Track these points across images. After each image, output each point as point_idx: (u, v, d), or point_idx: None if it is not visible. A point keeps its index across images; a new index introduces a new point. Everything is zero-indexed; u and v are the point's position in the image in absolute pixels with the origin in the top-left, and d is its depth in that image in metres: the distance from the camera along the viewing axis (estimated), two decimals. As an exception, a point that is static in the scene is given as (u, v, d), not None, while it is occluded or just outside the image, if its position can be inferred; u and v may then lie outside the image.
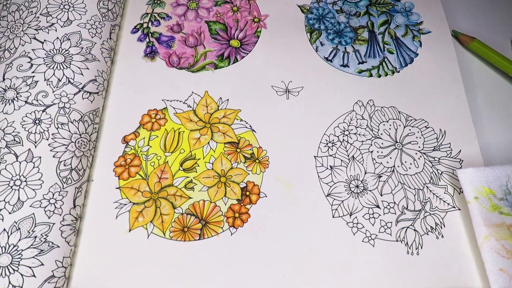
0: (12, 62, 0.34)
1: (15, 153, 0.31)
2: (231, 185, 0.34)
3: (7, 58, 0.34)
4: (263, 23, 0.42)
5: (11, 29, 0.36)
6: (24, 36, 0.35)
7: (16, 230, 0.28)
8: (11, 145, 0.31)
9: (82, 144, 0.33)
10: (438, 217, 0.34)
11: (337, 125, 0.37)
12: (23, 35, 0.35)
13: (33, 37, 0.35)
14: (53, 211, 0.30)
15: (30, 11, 0.36)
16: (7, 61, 0.34)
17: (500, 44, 0.42)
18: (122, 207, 0.33)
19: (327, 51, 0.41)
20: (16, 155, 0.31)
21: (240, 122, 0.37)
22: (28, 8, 0.37)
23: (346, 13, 0.43)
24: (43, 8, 0.36)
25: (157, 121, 0.37)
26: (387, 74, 0.40)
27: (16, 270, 0.28)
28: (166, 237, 0.32)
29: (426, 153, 0.36)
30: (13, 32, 0.35)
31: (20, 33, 0.35)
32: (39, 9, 0.36)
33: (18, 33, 0.35)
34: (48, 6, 0.37)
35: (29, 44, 0.35)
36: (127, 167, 0.35)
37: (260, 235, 0.33)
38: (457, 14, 0.44)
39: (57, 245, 0.29)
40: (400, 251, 0.32)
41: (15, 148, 0.31)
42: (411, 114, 0.38)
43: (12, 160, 0.30)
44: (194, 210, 0.33)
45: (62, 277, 0.29)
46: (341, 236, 0.33)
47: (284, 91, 0.39)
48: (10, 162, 0.30)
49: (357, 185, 0.35)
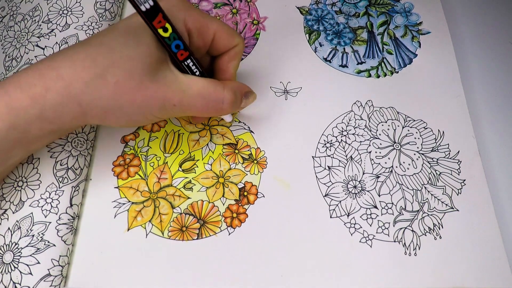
0: (19, 70, 0.34)
1: None
2: (229, 186, 0.35)
3: (14, 67, 0.35)
4: (262, 25, 0.42)
5: (18, 39, 0.37)
6: (28, 44, 0.36)
7: (17, 229, 0.29)
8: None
9: (79, 143, 0.33)
10: (436, 218, 0.33)
11: (335, 126, 0.37)
12: (28, 44, 0.36)
13: (35, 44, 0.36)
14: (49, 210, 0.30)
15: (34, 19, 0.37)
16: (14, 69, 0.35)
17: (500, 45, 0.42)
18: (121, 206, 0.33)
19: (326, 51, 0.41)
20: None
21: (239, 123, 0.37)
22: (32, 17, 0.38)
23: (345, 14, 0.43)
24: (45, 15, 0.37)
25: (157, 123, 0.37)
26: (386, 75, 0.40)
27: (16, 268, 0.28)
28: (165, 237, 0.33)
29: (424, 154, 0.36)
30: (19, 41, 0.37)
31: (25, 41, 0.36)
32: (41, 17, 0.37)
33: (23, 42, 0.36)
34: (49, 13, 0.37)
35: (33, 51, 0.35)
36: (126, 167, 0.35)
37: (257, 235, 0.33)
38: (457, 14, 0.44)
39: (53, 243, 0.30)
40: (398, 252, 0.32)
41: None
42: (409, 114, 0.38)
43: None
44: (193, 210, 0.34)
45: (58, 276, 0.30)
46: (338, 237, 0.33)
47: (282, 91, 0.39)
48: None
49: (355, 186, 0.35)
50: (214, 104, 0.30)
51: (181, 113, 0.30)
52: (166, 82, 0.28)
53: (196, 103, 0.29)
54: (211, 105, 0.30)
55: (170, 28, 0.27)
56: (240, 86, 0.32)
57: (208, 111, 0.31)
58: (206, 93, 0.29)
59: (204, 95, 0.29)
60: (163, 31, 0.27)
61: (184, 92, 0.28)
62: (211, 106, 0.30)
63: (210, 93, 0.29)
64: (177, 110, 0.29)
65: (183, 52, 0.28)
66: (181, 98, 0.28)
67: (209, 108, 0.30)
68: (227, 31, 0.31)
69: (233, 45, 0.32)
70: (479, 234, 0.33)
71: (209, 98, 0.30)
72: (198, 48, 0.31)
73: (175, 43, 0.28)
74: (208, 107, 0.30)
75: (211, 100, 0.30)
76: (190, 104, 0.29)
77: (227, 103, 0.30)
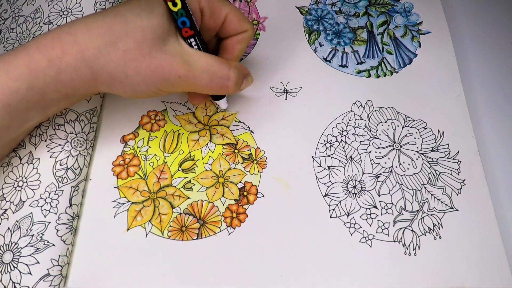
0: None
1: (19, 156, 0.32)
2: (229, 186, 0.35)
3: None
4: (262, 25, 0.42)
5: (19, 41, 0.37)
6: None
7: (17, 229, 0.29)
8: (16, 148, 0.32)
9: (78, 143, 0.33)
10: (436, 218, 0.33)
11: (335, 126, 0.37)
12: None
13: None
14: (49, 210, 0.30)
15: (35, 21, 0.38)
16: None
17: (500, 45, 0.42)
18: (121, 206, 0.33)
19: (326, 51, 0.41)
20: (20, 157, 0.32)
21: (238, 123, 0.37)
22: (33, 18, 0.38)
23: (345, 14, 0.43)
24: (46, 17, 0.37)
25: (156, 122, 0.37)
26: (386, 75, 0.40)
27: (16, 267, 0.28)
28: (164, 236, 0.33)
29: (424, 154, 0.36)
30: (21, 43, 0.37)
31: None
32: (42, 19, 0.37)
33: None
34: (50, 15, 0.38)
35: None
36: (125, 166, 0.35)
37: (257, 235, 0.33)
38: (457, 14, 0.44)
39: (52, 243, 0.30)
40: (398, 252, 0.32)
41: (19, 152, 0.32)
42: (409, 114, 0.38)
43: (16, 163, 0.32)
44: (192, 210, 0.34)
45: (58, 276, 0.30)
46: (338, 237, 0.33)
47: (282, 91, 0.39)
48: (15, 165, 0.32)
49: (354, 186, 0.35)
50: (219, 81, 0.31)
51: (184, 87, 0.30)
52: (174, 53, 0.29)
53: (202, 77, 0.30)
54: (215, 81, 0.30)
55: (180, 3, 0.28)
56: (242, 66, 0.33)
57: (212, 88, 0.31)
58: (212, 69, 0.30)
59: (210, 71, 0.30)
60: (172, 4, 0.28)
61: (191, 65, 0.29)
62: (216, 82, 0.31)
63: (216, 70, 0.30)
64: (181, 83, 0.29)
65: (188, 30, 0.29)
66: (186, 71, 0.29)
67: (213, 84, 0.31)
68: (239, 15, 0.32)
69: (243, 30, 0.32)
70: (479, 234, 0.33)
71: (215, 75, 0.30)
72: (208, 29, 0.32)
73: (182, 19, 0.29)
74: (212, 84, 0.30)
75: (216, 76, 0.30)
76: (195, 77, 0.29)
77: (232, 81, 0.31)
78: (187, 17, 0.29)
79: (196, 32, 0.30)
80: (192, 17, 0.29)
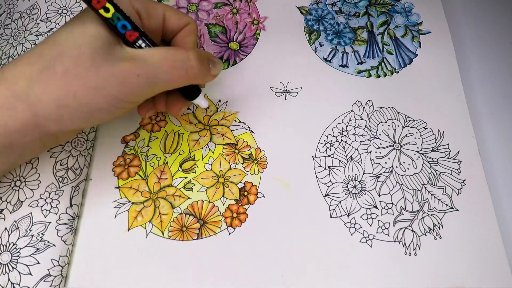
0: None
1: None
2: (229, 186, 0.35)
3: None
4: (262, 25, 0.42)
5: (15, 37, 0.37)
6: (26, 42, 0.36)
7: (15, 229, 0.29)
8: None
9: (79, 143, 0.33)
10: (436, 218, 0.33)
11: (335, 126, 0.37)
12: (25, 42, 0.36)
13: (33, 43, 0.36)
14: (49, 210, 0.30)
15: (32, 17, 0.37)
16: None
17: (500, 45, 0.42)
18: (121, 206, 0.33)
19: (326, 51, 0.41)
20: None
21: (239, 123, 0.37)
22: (29, 15, 0.38)
23: (346, 14, 0.43)
24: (43, 14, 0.37)
25: (157, 123, 0.37)
26: (386, 75, 0.40)
27: (15, 268, 0.28)
28: (165, 237, 0.33)
29: (424, 154, 0.36)
30: (16, 39, 0.37)
31: (22, 39, 0.36)
32: (39, 16, 0.37)
33: (20, 40, 0.36)
34: (48, 12, 0.37)
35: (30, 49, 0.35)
36: (126, 167, 0.35)
37: (257, 235, 0.33)
38: (457, 14, 0.44)
39: (53, 243, 0.30)
40: (398, 252, 0.32)
41: None
42: (410, 114, 0.38)
43: None
44: (193, 210, 0.34)
45: (58, 276, 0.30)
46: (338, 237, 0.33)
47: (282, 92, 0.39)
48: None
49: (355, 186, 0.35)
50: (181, 64, 0.28)
51: (147, 88, 0.28)
52: (123, 58, 0.26)
53: (162, 67, 0.27)
54: (178, 66, 0.28)
55: (112, 8, 0.26)
56: (203, 51, 0.31)
57: (177, 76, 0.28)
58: (170, 55, 0.28)
59: (168, 57, 0.27)
60: (104, 11, 0.26)
61: (146, 61, 0.27)
62: (179, 67, 0.28)
63: (174, 53, 0.28)
64: (143, 83, 0.27)
65: (132, 33, 0.27)
66: (144, 67, 0.26)
67: (177, 70, 0.28)
68: (175, 11, 0.31)
69: (185, 23, 0.31)
70: (479, 234, 0.33)
71: (174, 59, 0.28)
72: (152, 31, 0.30)
73: (121, 23, 0.27)
74: (175, 70, 0.28)
75: (177, 60, 0.28)
76: (155, 70, 0.27)
77: (194, 59, 0.28)
78: (126, 20, 0.27)
79: (141, 33, 0.28)
80: (130, 19, 0.27)
